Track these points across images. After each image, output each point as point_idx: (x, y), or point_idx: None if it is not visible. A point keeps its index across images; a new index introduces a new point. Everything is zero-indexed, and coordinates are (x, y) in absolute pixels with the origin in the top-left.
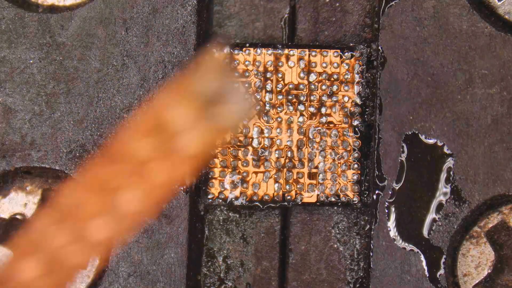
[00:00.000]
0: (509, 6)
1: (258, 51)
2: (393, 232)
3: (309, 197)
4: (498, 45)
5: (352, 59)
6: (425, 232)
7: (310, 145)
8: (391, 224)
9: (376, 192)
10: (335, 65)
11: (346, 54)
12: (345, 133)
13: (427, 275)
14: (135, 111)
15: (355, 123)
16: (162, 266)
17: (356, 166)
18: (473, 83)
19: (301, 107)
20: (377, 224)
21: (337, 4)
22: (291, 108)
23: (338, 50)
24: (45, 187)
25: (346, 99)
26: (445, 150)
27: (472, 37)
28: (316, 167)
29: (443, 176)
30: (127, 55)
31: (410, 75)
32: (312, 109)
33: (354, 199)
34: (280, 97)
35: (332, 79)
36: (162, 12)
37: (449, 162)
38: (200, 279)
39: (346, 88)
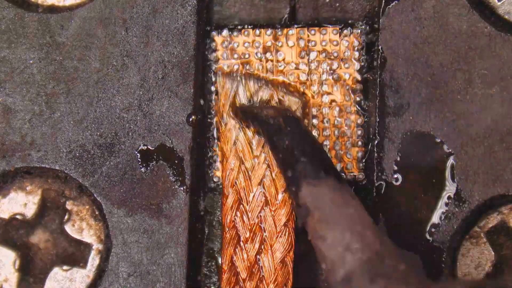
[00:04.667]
0: (509, 6)
1: (257, 31)
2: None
3: None
4: (498, 45)
5: (351, 36)
6: (425, 232)
7: (313, 124)
8: (391, 223)
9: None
10: (335, 43)
11: (345, 31)
12: (348, 110)
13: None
14: None
15: (357, 99)
16: (162, 266)
17: (360, 143)
18: (473, 83)
19: (302, 87)
20: (377, 224)
21: (337, 4)
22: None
23: (337, 28)
24: (45, 187)
25: (347, 76)
26: (445, 150)
27: (472, 37)
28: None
29: (443, 176)
30: (127, 55)
31: (410, 75)
32: (314, 88)
33: (359, 176)
34: (281, 77)
35: (332, 57)
36: (162, 12)
37: (449, 162)
38: (200, 279)
39: (346, 65)
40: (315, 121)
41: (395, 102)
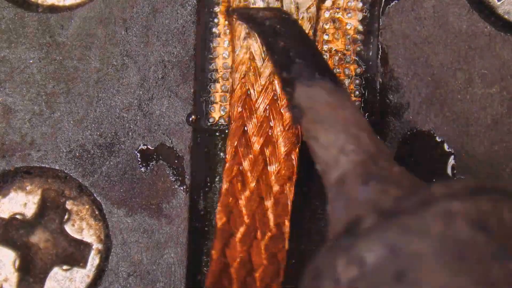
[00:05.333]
0: (509, 6)
1: None
2: None
3: None
4: (498, 45)
5: None
6: None
7: None
8: None
9: None
10: None
11: None
12: (347, 60)
13: None
14: None
15: (358, 49)
16: (162, 266)
17: (357, 92)
18: (473, 83)
19: None
20: None
21: None
22: None
23: None
24: (45, 187)
25: (349, 26)
26: (445, 150)
27: (472, 36)
28: None
29: (443, 176)
30: (127, 55)
31: (410, 74)
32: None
33: None
34: None
35: (335, 6)
36: (162, 12)
37: (449, 162)
38: (200, 279)
39: (349, 15)
40: None
41: (395, 102)
